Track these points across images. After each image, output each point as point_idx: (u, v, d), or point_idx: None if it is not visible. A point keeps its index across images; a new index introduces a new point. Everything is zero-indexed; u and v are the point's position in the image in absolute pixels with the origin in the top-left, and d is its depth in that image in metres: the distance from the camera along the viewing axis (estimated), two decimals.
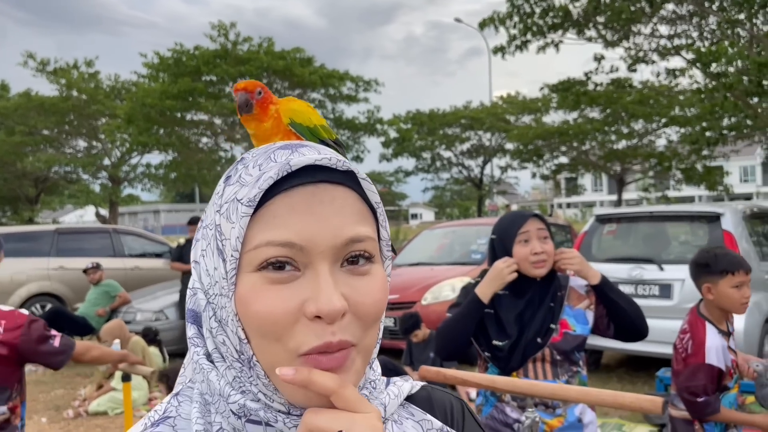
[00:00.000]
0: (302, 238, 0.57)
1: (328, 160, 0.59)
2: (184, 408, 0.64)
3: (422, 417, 0.69)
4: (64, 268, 9.80)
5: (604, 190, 47.07)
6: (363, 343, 0.59)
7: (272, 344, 0.57)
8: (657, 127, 21.07)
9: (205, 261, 0.61)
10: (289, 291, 0.57)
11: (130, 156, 21.82)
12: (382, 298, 0.60)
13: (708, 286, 2.51)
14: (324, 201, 0.58)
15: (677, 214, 6.18)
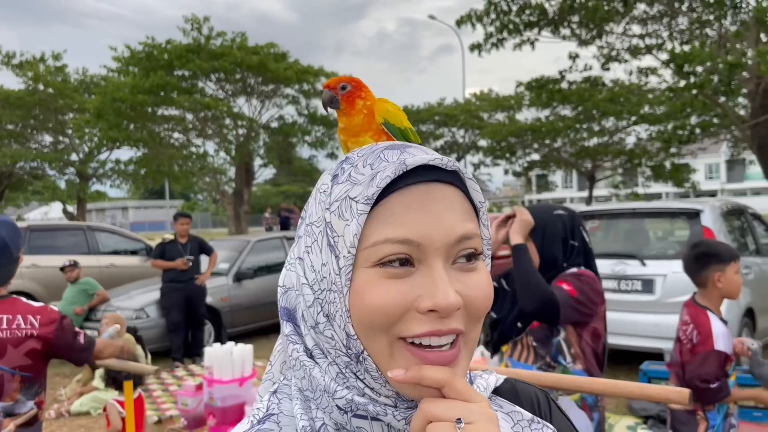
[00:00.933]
0: (419, 235, 0.58)
1: (439, 160, 0.61)
2: (285, 405, 0.65)
3: (511, 409, 0.70)
4: (37, 266, 9.59)
5: (575, 187, 47.80)
6: (470, 335, 0.61)
7: (379, 336, 0.59)
8: (627, 125, 21.48)
9: (310, 258, 0.62)
10: (404, 285, 0.58)
11: (99, 152, 21.40)
12: (490, 293, 0.62)
13: (719, 274, 2.65)
14: (437, 199, 0.60)
15: (658, 211, 6.33)
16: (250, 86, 18.88)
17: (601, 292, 2.18)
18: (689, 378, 2.56)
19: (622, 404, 5.20)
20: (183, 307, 7.22)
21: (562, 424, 0.74)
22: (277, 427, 0.64)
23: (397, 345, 0.59)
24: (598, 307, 2.16)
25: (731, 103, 15.35)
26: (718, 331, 2.57)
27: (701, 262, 2.70)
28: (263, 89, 18.93)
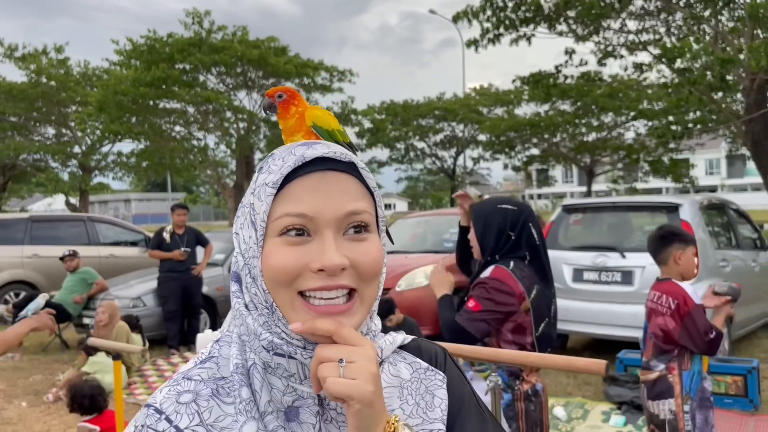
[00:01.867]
0: (312, 211, 0.73)
1: (333, 153, 0.76)
2: (224, 350, 0.81)
3: (413, 360, 0.85)
4: (39, 256, 9.79)
5: (575, 182, 47.86)
6: (365, 292, 0.76)
7: (283, 290, 0.74)
8: (626, 120, 21.57)
9: (242, 232, 0.78)
10: (300, 250, 0.73)
11: (101, 144, 21.59)
12: (378, 257, 0.76)
13: (680, 252, 2.91)
14: (330, 183, 0.75)
15: (639, 205, 6.49)
16: (250, 80, 19.03)
17: (513, 291, 2.26)
18: (693, 341, 2.77)
19: (599, 391, 5.37)
20: (179, 296, 7.41)
21: (453, 374, 0.87)
22: (215, 366, 0.79)
23: (297, 299, 0.73)
24: (512, 306, 2.26)
25: (728, 99, 15.45)
26: (688, 290, 2.85)
27: (665, 240, 2.95)
28: (264, 83, 19.07)
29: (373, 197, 0.79)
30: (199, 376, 0.78)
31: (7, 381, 6.55)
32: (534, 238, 2.38)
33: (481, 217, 2.43)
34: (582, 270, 6.15)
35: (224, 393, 0.77)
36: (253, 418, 0.73)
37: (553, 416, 4.94)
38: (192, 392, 0.77)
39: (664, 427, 2.83)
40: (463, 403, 0.85)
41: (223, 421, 0.75)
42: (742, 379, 4.87)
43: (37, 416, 5.41)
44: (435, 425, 0.80)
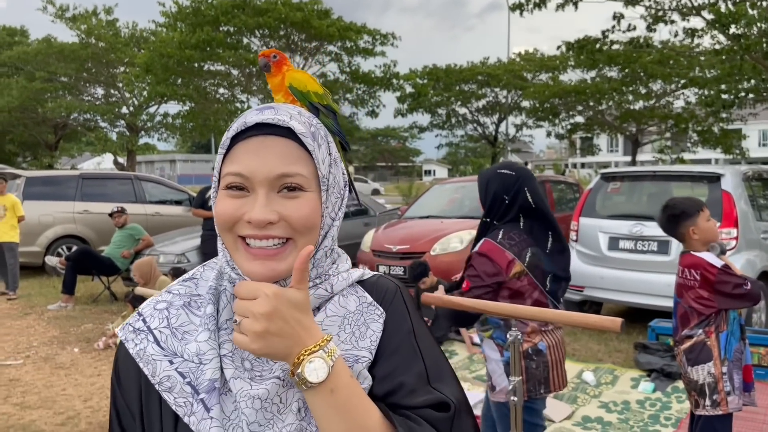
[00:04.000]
0: (248, 171, 0.84)
1: (272, 119, 0.85)
2: (206, 273, 0.95)
3: (362, 294, 0.94)
4: (89, 212, 10.20)
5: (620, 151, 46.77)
6: (300, 241, 0.86)
7: (226, 233, 0.87)
8: (675, 88, 20.87)
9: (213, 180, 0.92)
10: (238, 203, 0.85)
11: (147, 105, 22.04)
12: (308, 213, 0.86)
13: (692, 228, 2.91)
14: (267, 147, 0.85)
15: (679, 174, 6.39)
16: (293, 43, 19.07)
17: (499, 263, 2.39)
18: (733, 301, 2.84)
19: (630, 358, 5.41)
20: None
21: (396, 311, 0.94)
22: (194, 285, 0.94)
23: (239, 241, 0.86)
24: (499, 277, 2.39)
25: None
26: (707, 257, 2.88)
27: (673, 222, 2.96)
28: (306, 46, 19.09)
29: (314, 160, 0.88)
30: (177, 291, 0.94)
31: (60, 329, 6.94)
32: (528, 201, 2.49)
33: (483, 183, 2.58)
34: (618, 238, 6.13)
35: (195, 306, 0.91)
36: (208, 330, 0.87)
37: (582, 381, 5.01)
38: (167, 302, 0.92)
39: (704, 391, 2.87)
40: (398, 339, 0.91)
41: (187, 326, 0.90)
42: None
43: (88, 362, 5.75)
44: (362, 353, 0.88)
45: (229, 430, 0.83)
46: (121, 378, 0.91)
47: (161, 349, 0.87)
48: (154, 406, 0.87)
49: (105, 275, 8.30)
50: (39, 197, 9.94)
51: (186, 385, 0.85)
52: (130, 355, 0.89)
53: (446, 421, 0.85)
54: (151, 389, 0.87)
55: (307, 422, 0.84)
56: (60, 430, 4.24)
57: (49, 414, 4.53)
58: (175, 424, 0.86)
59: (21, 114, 21.26)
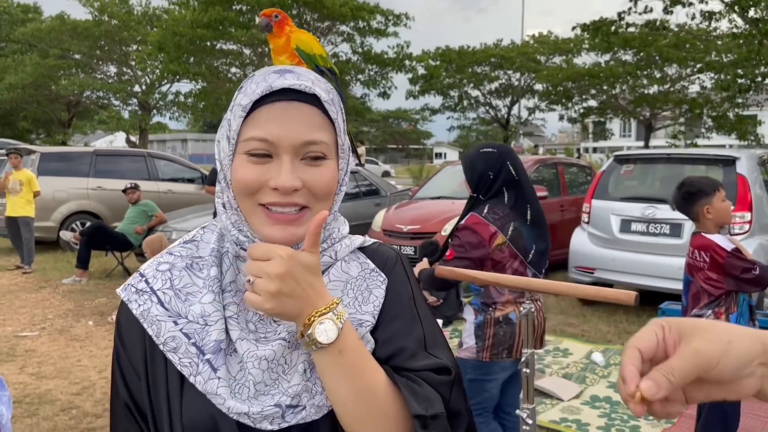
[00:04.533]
0: (273, 137, 0.83)
1: (299, 85, 0.84)
2: (207, 236, 0.95)
3: (364, 260, 0.96)
4: (102, 188, 10.28)
5: (633, 136, 46.43)
6: (316, 208, 0.86)
7: (245, 199, 0.86)
8: (691, 73, 20.63)
9: (222, 142, 0.90)
10: (262, 169, 0.84)
11: (160, 84, 22.09)
12: (329, 180, 0.87)
13: (706, 207, 2.90)
14: (293, 113, 0.84)
15: (694, 157, 6.35)
16: (306, 22, 18.98)
17: (483, 237, 2.53)
18: (741, 284, 2.84)
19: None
20: None
21: (397, 278, 0.97)
22: (195, 247, 0.93)
23: (257, 208, 0.85)
24: (483, 250, 2.53)
25: None
26: (717, 239, 2.87)
27: (689, 199, 2.94)
28: (319, 26, 19.00)
29: (335, 127, 0.88)
30: (179, 253, 0.93)
31: (75, 302, 7.04)
32: (512, 173, 2.63)
33: (468, 163, 2.73)
34: (630, 221, 6.12)
35: (197, 268, 0.91)
36: (213, 292, 0.88)
37: (591, 361, 5.04)
38: (169, 263, 0.92)
39: None
40: (399, 304, 0.93)
41: (190, 288, 0.90)
42: None
43: (102, 334, 5.84)
44: (365, 317, 0.90)
45: (235, 389, 0.85)
46: (124, 338, 0.90)
47: (165, 310, 0.88)
48: (160, 367, 0.88)
49: (118, 251, 8.38)
50: (53, 173, 10.01)
51: (191, 346, 0.86)
52: (133, 316, 0.88)
53: (447, 385, 0.88)
54: (156, 350, 0.87)
55: (312, 382, 0.86)
56: (76, 399, 4.32)
57: (64, 384, 4.61)
58: (180, 384, 0.86)
59: (34, 91, 21.36)
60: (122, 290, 0.91)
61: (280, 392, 0.85)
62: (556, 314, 6.47)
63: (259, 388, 0.85)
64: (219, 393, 0.83)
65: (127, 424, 0.89)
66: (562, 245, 7.16)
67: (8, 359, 5.14)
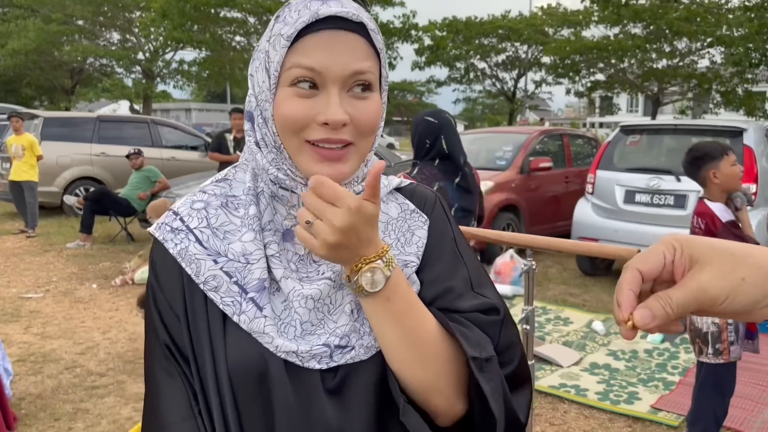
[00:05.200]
0: (321, 66, 0.79)
1: (345, 12, 0.80)
2: (239, 175, 0.91)
3: (403, 201, 0.94)
4: (106, 155, 10.27)
5: (640, 111, 46.01)
6: (360, 145, 0.83)
7: (291, 136, 0.82)
8: (701, 47, 20.33)
9: (257, 75, 0.85)
10: (308, 103, 0.80)
11: (163, 51, 21.88)
12: (376, 115, 0.83)
13: (713, 171, 2.88)
14: (340, 42, 0.80)
15: (701, 128, 6.29)
16: None
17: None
18: None
19: None
20: None
21: (438, 218, 0.95)
22: (228, 186, 0.90)
23: (304, 144, 0.81)
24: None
25: None
26: (716, 209, 2.85)
27: (696, 164, 2.93)
28: None
29: (379, 58, 0.84)
30: (213, 191, 0.90)
31: (79, 266, 7.07)
32: (443, 148, 2.85)
33: (414, 126, 2.94)
34: (634, 192, 6.08)
35: (233, 207, 0.88)
36: (253, 230, 0.85)
37: (591, 330, 5.07)
38: (204, 202, 0.89)
39: (707, 339, 2.90)
40: (442, 245, 0.92)
41: (228, 226, 0.87)
42: None
43: (106, 297, 5.88)
44: (409, 258, 0.89)
45: (281, 329, 0.83)
46: (160, 278, 0.87)
47: (204, 249, 0.85)
48: (200, 306, 0.84)
49: (122, 216, 8.40)
50: (56, 138, 10.00)
51: (233, 285, 0.83)
52: (169, 255, 0.85)
53: (496, 325, 0.86)
54: (195, 289, 0.85)
55: (360, 323, 0.84)
56: (80, 359, 4.37)
57: (68, 344, 4.66)
58: (223, 324, 0.83)
59: (37, 57, 21.18)
60: (156, 229, 0.88)
61: (327, 332, 0.83)
62: (558, 284, 6.48)
63: (305, 327, 0.83)
64: (266, 331, 0.81)
65: (168, 365, 0.85)
66: (566, 217, 7.14)
67: (13, 319, 5.19)
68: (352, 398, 0.83)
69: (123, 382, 3.98)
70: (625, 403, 3.72)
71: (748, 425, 3.42)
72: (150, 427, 0.86)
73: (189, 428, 0.82)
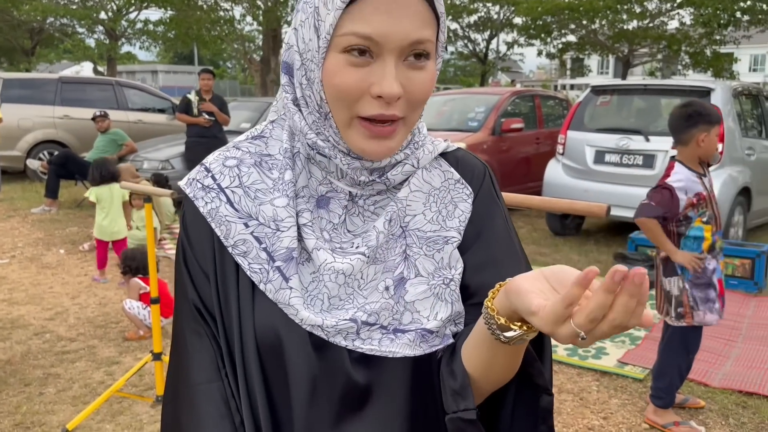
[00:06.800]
0: (378, 34, 0.72)
1: None
2: (276, 132, 0.86)
3: (447, 169, 0.87)
4: (69, 117, 9.98)
5: (610, 73, 46.22)
6: (409, 118, 0.78)
7: (343, 108, 0.76)
8: (671, 8, 20.41)
9: (302, 31, 0.78)
10: (362, 73, 0.74)
11: (127, 10, 21.18)
12: (430, 87, 0.78)
13: (705, 135, 2.85)
14: (401, 6, 0.72)
15: (670, 88, 6.35)
16: None
17: None
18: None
19: (608, 268, 5.54)
20: None
21: (486, 191, 0.89)
22: (264, 144, 0.85)
23: (355, 119, 0.76)
24: None
25: None
26: (678, 172, 2.85)
27: (692, 120, 2.85)
28: None
29: (439, 23, 0.78)
30: (247, 149, 0.86)
31: (45, 231, 6.93)
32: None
33: None
34: (604, 152, 6.14)
35: (266, 167, 0.84)
36: (287, 196, 0.81)
37: None
38: (237, 159, 0.84)
39: (671, 302, 2.96)
40: (491, 227, 0.86)
41: (259, 185, 0.82)
42: (750, 262, 4.99)
43: (74, 262, 5.79)
44: (450, 233, 0.84)
45: (308, 301, 0.79)
46: (191, 237, 0.83)
47: (235, 211, 0.81)
48: (230, 269, 0.81)
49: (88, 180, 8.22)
50: (17, 100, 9.68)
51: (262, 251, 0.80)
52: (200, 214, 0.82)
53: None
54: (225, 251, 0.81)
55: (395, 301, 0.81)
56: (49, 324, 4.31)
57: (37, 309, 4.59)
58: (252, 290, 0.81)
59: None
60: (186, 185, 0.84)
61: (356, 307, 0.79)
62: (528, 244, 6.56)
63: (333, 302, 0.80)
64: (291, 303, 0.78)
65: (196, 326, 0.83)
66: (537, 178, 7.19)
67: None
68: (381, 397, 0.81)
69: (94, 346, 3.95)
70: (593, 358, 3.82)
71: (711, 377, 3.54)
72: (177, 385, 0.85)
73: (216, 389, 0.81)
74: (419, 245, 0.83)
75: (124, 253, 4.52)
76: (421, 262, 0.82)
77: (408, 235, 0.83)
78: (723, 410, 3.22)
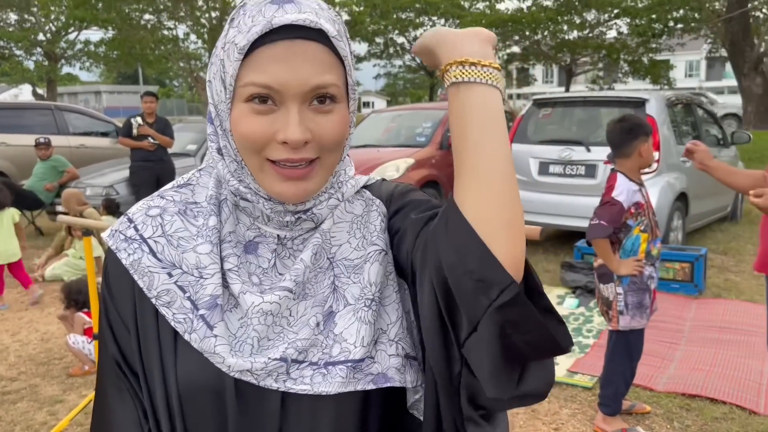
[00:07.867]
0: (278, 83, 0.73)
1: (303, 20, 0.74)
2: (203, 179, 0.87)
3: (369, 197, 0.89)
4: (7, 144, 9.64)
5: (555, 82, 47.45)
6: (327, 160, 0.79)
7: (252, 155, 0.77)
8: (608, 18, 21.17)
9: (215, 83, 0.80)
10: (267, 120, 0.75)
11: (66, 31, 20.71)
12: (341, 130, 0.78)
13: (645, 145, 2.95)
14: (298, 54, 0.73)
15: (607, 100, 6.55)
16: None
17: None
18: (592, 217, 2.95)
19: (557, 277, 5.65)
20: (152, 185, 7.41)
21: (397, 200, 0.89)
22: (191, 192, 0.86)
23: (265, 163, 0.77)
24: None
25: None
26: (621, 184, 2.92)
27: (633, 133, 2.94)
28: None
29: (344, 65, 0.78)
30: (172, 197, 0.86)
31: None
32: None
33: None
34: (548, 163, 6.29)
35: (191, 215, 0.84)
36: (211, 243, 0.80)
37: None
38: (161, 208, 0.84)
39: (609, 307, 3.05)
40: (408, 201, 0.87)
41: (183, 233, 0.82)
42: (689, 266, 5.16)
43: (14, 297, 5.59)
44: (370, 248, 0.84)
45: (236, 347, 0.78)
46: (112, 289, 0.83)
47: (158, 261, 0.80)
48: (150, 321, 0.81)
49: (28, 209, 7.96)
50: None
51: (186, 300, 0.79)
52: (122, 265, 0.81)
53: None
54: (146, 302, 0.81)
55: (324, 336, 0.80)
56: None
57: None
58: (174, 341, 0.80)
59: None
60: (109, 237, 0.83)
61: (286, 343, 0.78)
62: None
63: (263, 343, 0.78)
64: (217, 351, 0.77)
65: (117, 381, 0.82)
66: None
67: None
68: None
69: (36, 385, 3.81)
70: None
71: (655, 382, 3.64)
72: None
73: None
74: (347, 274, 0.83)
75: (68, 286, 4.38)
76: (349, 291, 0.82)
77: (336, 265, 0.83)
78: (668, 414, 3.31)
